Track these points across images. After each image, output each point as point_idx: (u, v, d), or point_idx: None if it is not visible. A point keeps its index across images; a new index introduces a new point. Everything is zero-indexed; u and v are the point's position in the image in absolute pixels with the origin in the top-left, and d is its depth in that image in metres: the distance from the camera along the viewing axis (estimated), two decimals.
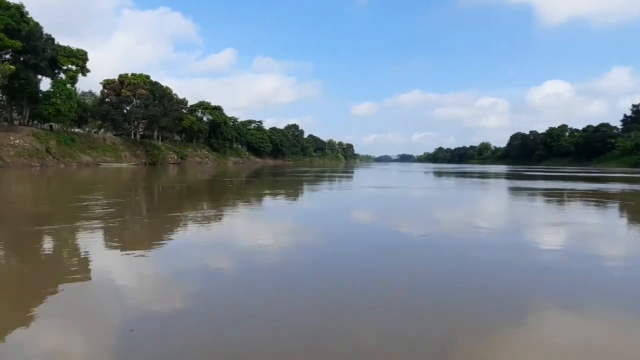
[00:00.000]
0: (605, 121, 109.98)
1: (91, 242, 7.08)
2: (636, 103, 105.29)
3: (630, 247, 7.75)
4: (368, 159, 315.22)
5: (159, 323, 3.73)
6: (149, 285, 4.92)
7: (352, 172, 49.95)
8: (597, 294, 4.79)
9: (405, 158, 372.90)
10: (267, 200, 15.89)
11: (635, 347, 3.45)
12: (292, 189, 22.50)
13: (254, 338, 3.45)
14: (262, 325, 3.71)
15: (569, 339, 3.58)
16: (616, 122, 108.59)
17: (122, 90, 63.36)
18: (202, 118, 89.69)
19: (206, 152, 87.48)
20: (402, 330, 3.67)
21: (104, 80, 64.89)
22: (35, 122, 53.91)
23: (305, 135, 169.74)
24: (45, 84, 51.62)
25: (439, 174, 47.64)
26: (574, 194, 18.84)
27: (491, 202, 17.02)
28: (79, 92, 63.14)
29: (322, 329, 3.68)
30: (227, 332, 3.56)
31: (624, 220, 11.79)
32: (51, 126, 52.89)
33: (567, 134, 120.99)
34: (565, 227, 9.69)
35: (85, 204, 12.36)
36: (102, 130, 69.07)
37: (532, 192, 20.13)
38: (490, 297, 4.60)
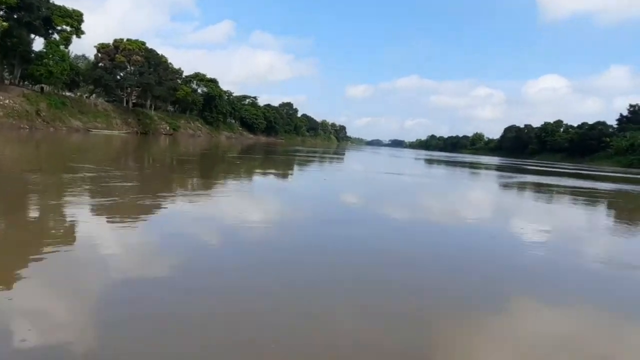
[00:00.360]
0: (599, 119, 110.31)
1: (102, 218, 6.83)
2: (633, 103, 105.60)
3: None
4: (360, 142, 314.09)
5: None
6: (145, 252, 5.32)
7: (344, 155, 49.79)
8: None
9: (397, 143, 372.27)
10: (264, 179, 15.76)
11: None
12: (287, 169, 22.39)
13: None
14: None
15: None
16: (610, 121, 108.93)
17: (117, 55, 61.85)
18: (196, 90, 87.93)
19: (199, 125, 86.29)
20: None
21: (99, 44, 63.19)
22: (26, 82, 52.51)
23: (299, 115, 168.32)
24: (38, 44, 50.06)
25: (440, 162, 47.60)
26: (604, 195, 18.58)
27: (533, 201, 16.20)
28: (72, 55, 61.46)
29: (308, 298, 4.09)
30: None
31: None
32: (42, 88, 51.52)
33: (562, 129, 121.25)
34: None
35: (94, 174, 12.03)
36: (93, 95, 67.54)
37: (558, 190, 19.84)
38: None
